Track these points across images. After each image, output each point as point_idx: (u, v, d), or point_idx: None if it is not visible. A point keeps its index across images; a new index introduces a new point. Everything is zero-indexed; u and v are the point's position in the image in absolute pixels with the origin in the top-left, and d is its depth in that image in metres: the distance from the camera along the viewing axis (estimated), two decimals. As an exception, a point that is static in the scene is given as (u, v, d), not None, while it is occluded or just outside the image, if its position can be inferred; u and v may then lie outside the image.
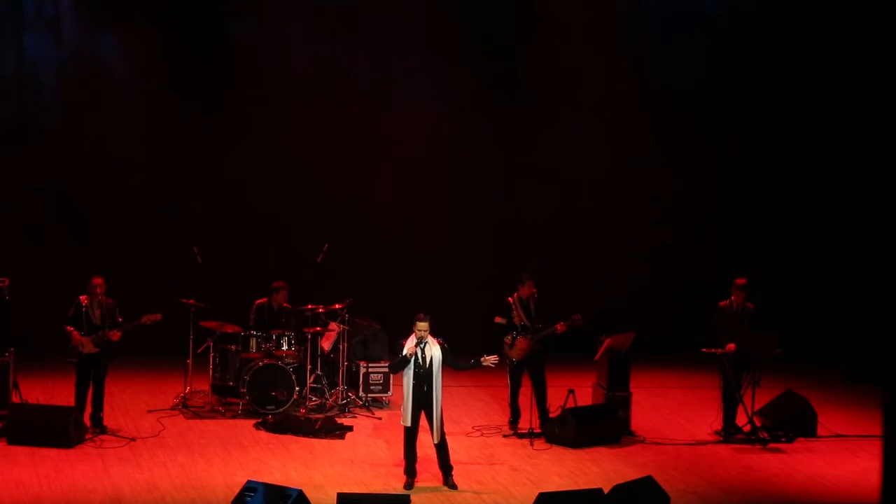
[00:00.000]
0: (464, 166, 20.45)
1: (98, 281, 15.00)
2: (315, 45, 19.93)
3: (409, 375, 13.30)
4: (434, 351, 13.31)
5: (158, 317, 15.10)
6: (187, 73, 19.56)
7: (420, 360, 13.29)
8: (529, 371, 15.50)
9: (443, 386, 13.40)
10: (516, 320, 15.45)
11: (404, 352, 13.28)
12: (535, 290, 15.46)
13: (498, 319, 15.52)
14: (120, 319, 15.03)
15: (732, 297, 15.69)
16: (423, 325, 13.27)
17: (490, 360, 13.54)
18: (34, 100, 19.44)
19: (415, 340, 13.28)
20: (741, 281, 15.69)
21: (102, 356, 15.03)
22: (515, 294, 15.50)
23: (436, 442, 13.42)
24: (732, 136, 20.88)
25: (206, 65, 19.61)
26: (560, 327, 15.35)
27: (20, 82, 19.37)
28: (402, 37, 20.02)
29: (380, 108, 20.12)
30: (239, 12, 19.79)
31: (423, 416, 13.38)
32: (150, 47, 19.47)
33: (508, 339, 15.42)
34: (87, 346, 14.94)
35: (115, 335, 14.92)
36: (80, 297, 15.07)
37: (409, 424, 13.34)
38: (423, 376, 13.28)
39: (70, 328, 14.96)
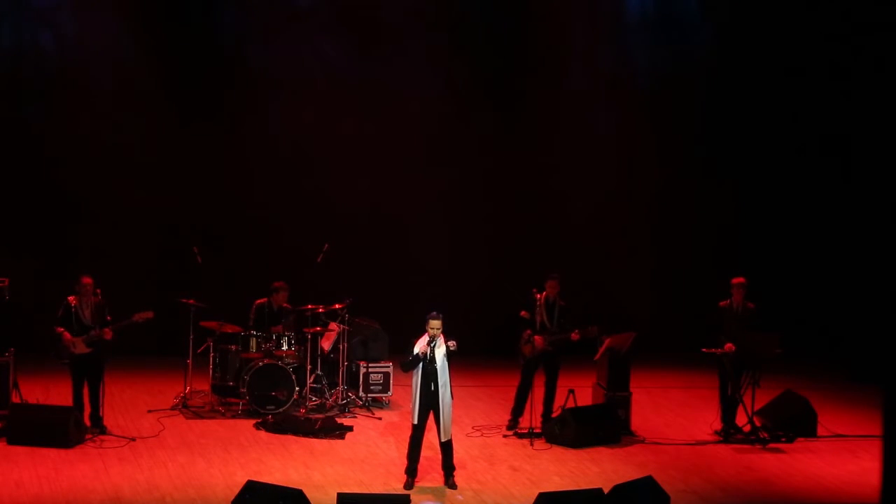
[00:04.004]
0: (464, 166, 20.45)
1: (87, 280, 14.94)
2: (316, 43, 19.93)
3: (418, 374, 13.32)
4: (442, 350, 13.31)
5: (150, 314, 15.04)
6: (186, 71, 19.56)
7: (429, 358, 13.28)
8: (545, 369, 15.60)
9: (452, 386, 13.39)
10: (538, 318, 15.49)
11: (416, 351, 13.26)
12: (558, 290, 15.49)
13: (523, 314, 15.56)
14: (109, 318, 14.97)
15: (732, 297, 15.71)
16: (435, 324, 13.26)
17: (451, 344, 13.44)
18: (29, 92, 19.45)
19: (427, 339, 13.28)
20: (738, 280, 15.70)
21: (96, 356, 14.98)
22: (544, 293, 15.53)
23: (443, 441, 13.43)
24: (734, 135, 20.88)
25: (206, 64, 19.61)
26: (574, 336, 15.41)
27: (17, 72, 19.37)
28: (403, 36, 20.03)
29: (380, 107, 20.12)
30: (238, 10, 19.80)
31: (431, 417, 13.39)
32: (150, 46, 19.45)
33: (525, 335, 15.46)
34: (79, 347, 14.90)
35: (108, 334, 14.87)
36: (69, 298, 15.00)
37: (416, 422, 13.35)
38: (431, 375, 13.28)
39: (60, 329, 14.92)
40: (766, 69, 20.75)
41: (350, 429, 15.55)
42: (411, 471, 13.51)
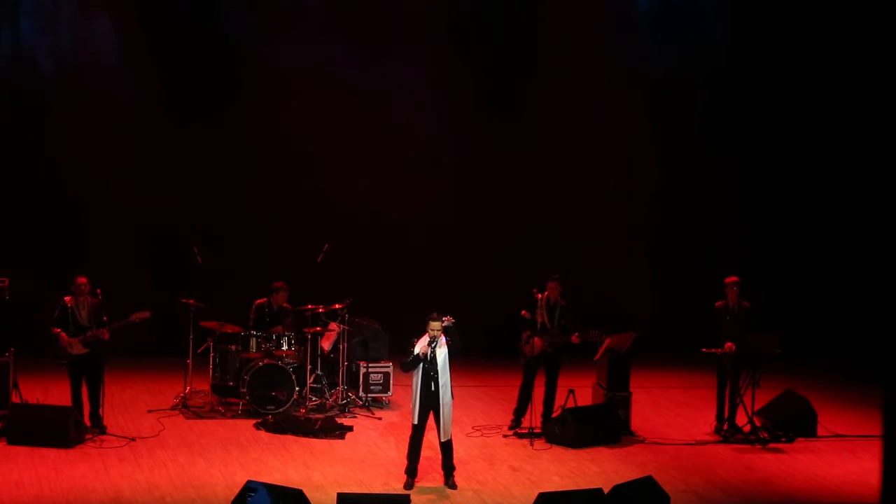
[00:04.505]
0: (464, 166, 20.46)
1: (82, 280, 14.91)
2: (315, 43, 19.91)
3: (418, 374, 13.32)
4: (443, 351, 13.30)
5: (147, 314, 15.02)
6: (186, 72, 19.57)
7: (429, 359, 13.28)
8: (545, 369, 15.60)
9: (452, 386, 13.38)
10: (538, 318, 15.48)
11: (416, 351, 13.26)
12: (559, 291, 15.49)
13: (524, 313, 15.56)
14: (105, 318, 14.95)
15: (727, 297, 15.72)
16: (435, 325, 13.26)
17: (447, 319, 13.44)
18: (29, 93, 19.44)
19: (427, 340, 13.28)
20: (731, 279, 15.73)
21: (94, 356, 14.96)
22: (546, 293, 15.52)
23: (442, 441, 13.43)
24: (734, 134, 20.88)
25: (206, 64, 19.61)
26: (575, 339, 15.41)
27: (17, 75, 19.37)
28: (403, 36, 20.03)
29: (380, 107, 20.12)
30: (238, 10, 19.81)
31: (430, 417, 13.39)
32: (149, 46, 19.45)
33: (525, 335, 15.46)
34: (76, 347, 14.88)
35: (106, 334, 14.85)
36: (65, 298, 14.97)
37: (416, 422, 13.35)
38: (431, 375, 13.28)
39: (57, 330, 14.89)
40: (767, 69, 20.74)
41: (350, 429, 15.55)
42: (411, 471, 13.51)
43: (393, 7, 19.99)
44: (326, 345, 16.92)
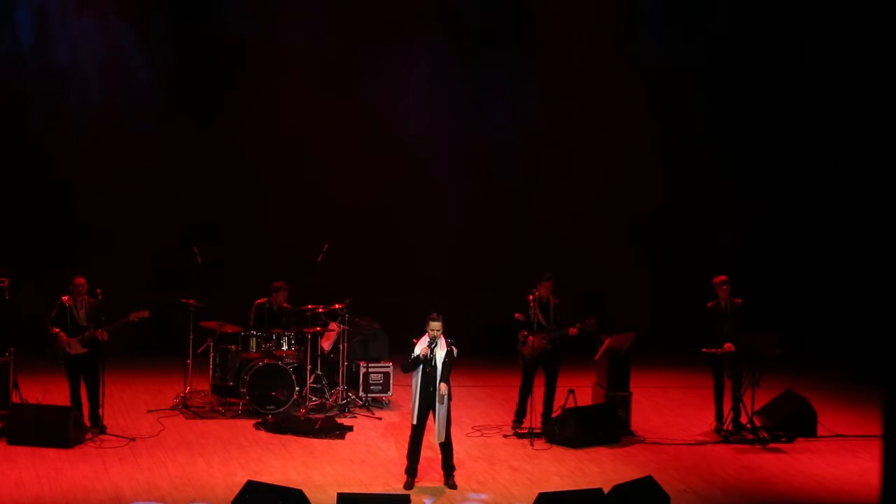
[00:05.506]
0: (464, 165, 20.46)
1: (80, 280, 14.91)
2: (315, 42, 19.91)
3: (417, 375, 13.32)
4: (442, 352, 13.29)
5: (146, 314, 15.01)
6: (186, 70, 19.57)
7: (429, 360, 13.28)
8: (544, 369, 15.59)
9: (451, 387, 13.38)
10: (533, 318, 15.46)
11: (416, 352, 13.25)
12: (551, 289, 15.47)
13: (517, 315, 15.54)
14: (103, 318, 14.94)
15: (718, 296, 15.73)
16: (435, 325, 13.26)
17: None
18: (28, 92, 19.44)
19: (427, 340, 13.28)
20: (720, 278, 15.75)
21: (92, 356, 14.96)
22: (536, 293, 15.50)
23: (438, 441, 13.42)
24: (735, 134, 20.88)
25: (206, 63, 19.61)
26: (573, 331, 15.40)
27: (17, 74, 19.38)
28: (403, 35, 20.03)
29: (380, 107, 20.12)
30: (238, 8, 19.81)
31: (430, 417, 13.39)
32: (149, 45, 19.46)
33: (522, 336, 15.46)
34: (75, 347, 14.88)
35: (104, 335, 14.84)
36: (62, 298, 14.97)
37: (416, 423, 13.35)
38: (431, 376, 13.27)
39: (56, 329, 14.89)
40: (768, 69, 20.75)
41: (350, 429, 15.56)
42: (411, 471, 13.51)
43: (393, 6, 19.97)
44: (326, 345, 16.92)
